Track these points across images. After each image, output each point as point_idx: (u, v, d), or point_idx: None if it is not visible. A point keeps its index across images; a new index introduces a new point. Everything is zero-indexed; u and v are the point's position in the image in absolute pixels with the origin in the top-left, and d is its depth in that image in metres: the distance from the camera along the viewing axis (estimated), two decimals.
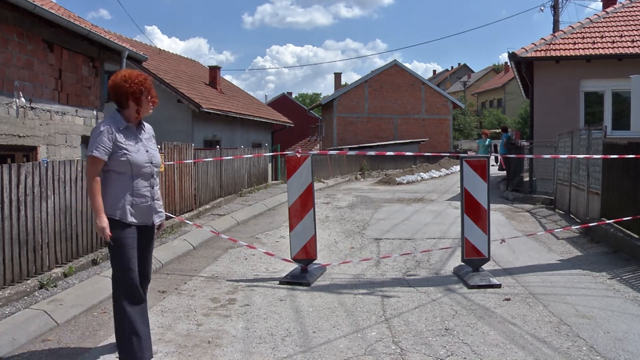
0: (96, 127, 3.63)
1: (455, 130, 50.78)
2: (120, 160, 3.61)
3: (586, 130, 9.47)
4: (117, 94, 3.68)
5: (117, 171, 3.62)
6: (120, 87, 3.66)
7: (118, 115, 3.71)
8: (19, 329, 4.29)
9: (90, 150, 3.57)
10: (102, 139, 3.57)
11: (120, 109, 3.72)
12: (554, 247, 7.80)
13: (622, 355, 3.95)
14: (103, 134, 3.58)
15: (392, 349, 4.09)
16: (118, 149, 3.60)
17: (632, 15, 15.48)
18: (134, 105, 3.69)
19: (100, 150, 3.55)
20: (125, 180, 3.64)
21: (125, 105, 3.70)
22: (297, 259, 6.19)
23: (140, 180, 3.69)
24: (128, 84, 3.65)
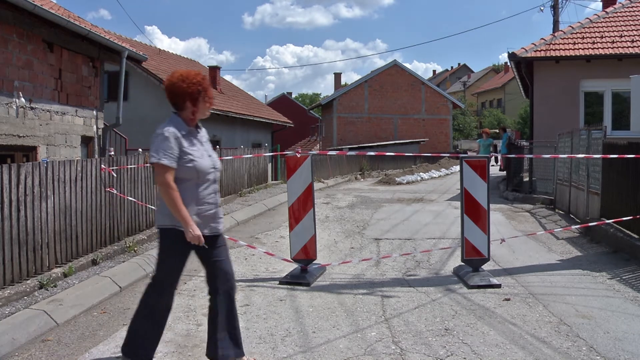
0: (160, 132, 3.40)
1: (455, 130, 50.78)
2: (187, 166, 3.40)
3: (586, 130, 9.47)
4: (174, 95, 3.51)
5: (182, 178, 3.41)
6: (177, 87, 3.49)
7: (178, 118, 3.51)
8: (18, 329, 4.29)
9: (156, 157, 3.34)
10: (168, 145, 3.36)
11: (177, 110, 3.54)
12: (554, 247, 7.80)
13: (622, 355, 3.95)
14: (169, 140, 3.37)
15: (392, 349, 4.09)
16: (184, 155, 3.39)
17: (632, 15, 15.48)
18: (191, 106, 3.50)
19: (169, 157, 3.33)
20: (191, 188, 3.43)
21: (182, 107, 3.51)
22: (297, 259, 6.19)
23: (205, 186, 3.50)
24: (186, 83, 3.49)
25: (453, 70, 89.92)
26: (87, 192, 6.55)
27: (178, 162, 3.38)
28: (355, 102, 36.13)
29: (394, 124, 36.28)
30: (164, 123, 3.48)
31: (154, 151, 3.37)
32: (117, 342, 4.25)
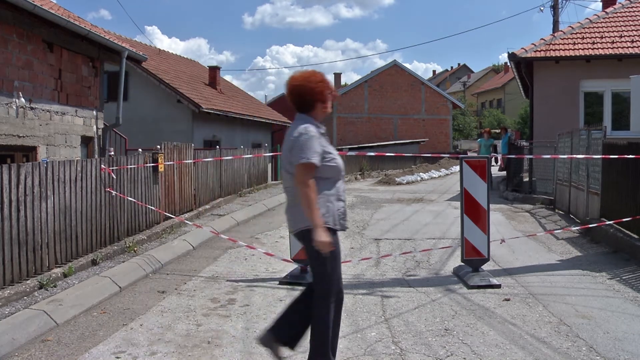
0: (302, 132, 3.38)
1: (455, 130, 50.76)
2: (330, 165, 3.42)
3: (586, 131, 9.47)
4: (303, 96, 3.50)
5: (324, 177, 3.41)
6: (305, 88, 3.49)
7: (309, 118, 3.51)
8: (18, 329, 4.29)
9: (305, 157, 3.31)
10: (314, 144, 3.35)
11: (305, 111, 3.53)
12: (554, 247, 7.80)
13: (622, 355, 3.95)
14: (314, 139, 3.37)
15: (392, 349, 4.09)
16: (326, 154, 3.40)
17: (632, 15, 15.48)
18: (321, 105, 3.52)
19: (317, 156, 3.34)
20: (331, 186, 3.45)
21: (312, 107, 3.51)
22: (296, 259, 6.19)
23: (341, 183, 3.53)
24: (313, 84, 3.49)
25: (453, 70, 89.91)
26: (87, 192, 6.55)
27: (322, 161, 3.39)
28: (355, 102, 36.14)
29: (394, 124, 36.29)
30: (297, 123, 3.49)
31: (300, 151, 3.34)
32: (117, 342, 4.26)
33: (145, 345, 4.20)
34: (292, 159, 3.37)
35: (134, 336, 4.38)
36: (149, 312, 4.97)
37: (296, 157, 3.34)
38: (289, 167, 3.44)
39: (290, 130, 3.52)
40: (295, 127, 3.47)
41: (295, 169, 3.35)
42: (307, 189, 3.31)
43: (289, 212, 3.55)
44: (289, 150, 3.42)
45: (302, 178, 3.32)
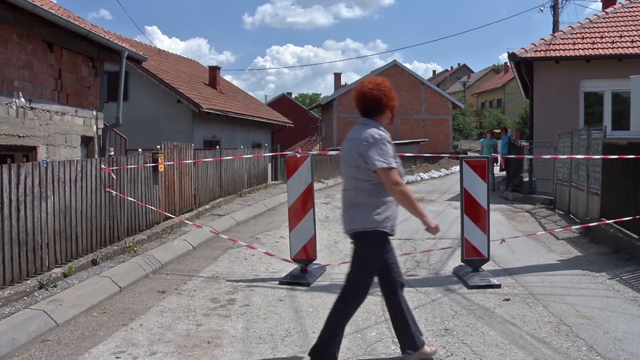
0: (377, 137, 3.47)
1: (455, 130, 50.76)
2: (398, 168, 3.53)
3: (586, 131, 9.47)
4: (375, 101, 3.58)
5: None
6: (375, 95, 3.58)
7: (376, 122, 3.59)
8: (18, 329, 4.29)
9: (385, 162, 3.42)
10: (388, 148, 3.47)
11: (372, 116, 3.61)
12: (554, 247, 7.80)
13: (622, 355, 3.95)
14: (387, 143, 3.50)
15: (392, 349, 4.09)
16: (395, 158, 3.52)
17: (632, 15, 15.48)
18: (388, 112, 3.64)
19: (394, 160, 3.47)
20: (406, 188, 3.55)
21: (380, 113, 3.61)
22: (296, 259, 6.19)
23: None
24: (382, 92, 3.59)
25: (453, 70, 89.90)
26: (87, 192, 6.55)
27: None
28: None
29: (394, 124, 36.22)
30: (365, 127, 3.56)
31: (379, 156, 3.43)
32: (117, 342, 4.26)
33: (145, 345, 4.20)
34: (369, 164, 3.44)
35: (134, 336, 4.38)
36: (149, 312, 4.98)
37: (372, 162, 3.42)
38: (352, 170, 3.53)
39: (355, 133, 3.58)
40: (362, 130, 3.53)
41: (380, 174, 3.44)
42: (402, 188, 3.44)
43: (347, 213, 3.61)
44: (360, 155, 3.47)
45: (392, 180, 3.43)
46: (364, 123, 3.60)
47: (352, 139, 3.59)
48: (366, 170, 3.47)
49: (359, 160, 3.48)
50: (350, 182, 3.59)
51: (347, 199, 3.63)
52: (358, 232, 3.53)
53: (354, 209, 3.55)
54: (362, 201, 3.51)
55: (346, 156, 3.60)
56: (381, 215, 3.50)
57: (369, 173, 3.48)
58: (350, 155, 3.54)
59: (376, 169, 3.42)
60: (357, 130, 3.59)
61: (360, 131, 3.55)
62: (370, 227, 3.48)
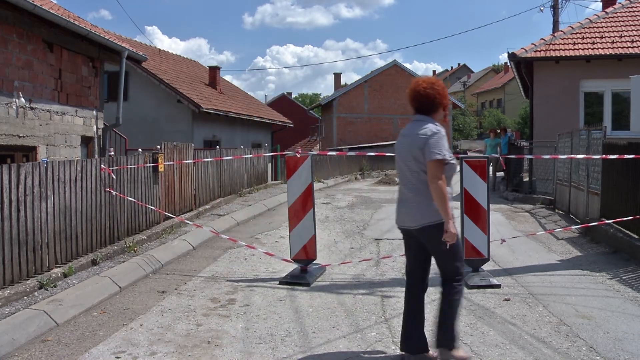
0: (436, 131, 3.62)
1: (454, 130, 50.78)
2: (451, 164, 3.66)
3: (586, 131, 9.47)
4: (430, 99, 3.72)
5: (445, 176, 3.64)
6: (430, 94, 3.72)
7: (433, 119, 3.74)
8: (18, 329, 4.29)
9: (439, 152, 3.55)
10: (445, 143, 3.60)
11: (427, 113, 3.75)
12: (554, 247, 7.80)
13: (622, 355, 3.95)
14: (445, 139, 3.63)
15: (392, 349, 4.09)
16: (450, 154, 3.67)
17: (632, 15, 15.48)
18: (442, 110, 3.78)
19: (449, 155, 3.59)
20: (448, 183, 3.69)
21: (435, 111, 3.75)
22: (296, 259, 6.19)
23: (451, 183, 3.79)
24: (436, 90, 3.73)
25: (453, 70, 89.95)
26: (87, 192, 6.55)
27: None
28: (355, 102, 36.12)
29: (394, 124, 36.25)
30: (421, 123, 3.70)
31: (438, 149, 3.56)
32: (117, 342, 4.26)
33: (145, 345, 4.20)
34: (425, 156, 3.57)
35: (134, 336, 4.38)
36: (149, 312, 4.98)
37: (430, 153, 3.56)
38: (414, 164, 3.66)
39: (412, 129, 3.72)
40: (419, 126, 3.69)
41: (429, 165, 3.56)
42: (442, 183, 3.56)
43: (411, 208, 3.72)
44: (420, 149, 3.60)
45: (436, 173, 3.56)
46: (420, 120, 3.74)
47: (410, 135, 3.71)
48: (424, 163, 3.61)
49: (418, 155, 3.63)
50: (411, 177, 3.71)
51: (407, 194, 3.75)
52: (427, 226, 3.64)
53: (419, 204, 3.68)
54: (427, 195, 3.61)
55: (404, 151, 3.74)
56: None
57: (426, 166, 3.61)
58: (410, 150, 3.68)
59: (430, 159, 3.55)
60: (414, 126, 3.74)
61: (417, 127, 3.70)
62: (439, 220, 3.59)
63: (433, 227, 3.62)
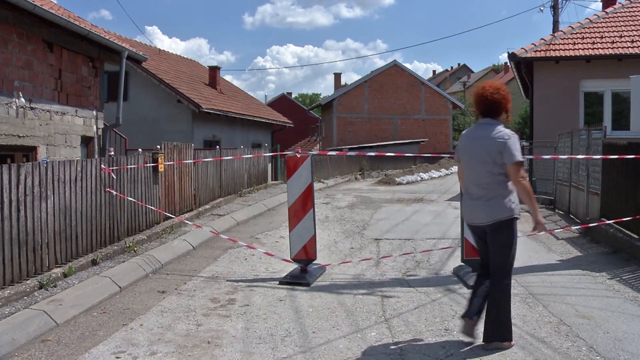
0: (511, 135, 3.91)
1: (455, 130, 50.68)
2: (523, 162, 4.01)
3: (586, 131, 9.47)
4: (496, 103, 4.00)
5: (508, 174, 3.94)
6: (496, 99, 4.00)
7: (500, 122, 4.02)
8: (18, 329, 4.29)
9: (518, 155, 3.87)
10: (519, 145, 3.94)
11: (492, 116, 4.03)
12: (554, 247, 7.80)
13: (622, 355, 3.95)
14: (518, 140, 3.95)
15: (392, 349, 4.09)
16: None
17: (632, 15, 15.47)
18: (505, 113, 4.05)
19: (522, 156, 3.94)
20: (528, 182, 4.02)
21: (499, 115, 4.04)
22: (296, 259, 6.19)
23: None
24: (501, 95, 4.02)
25: (453, 70, 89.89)
26: (87, 192, 6.55)
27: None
28: (355, 102, 36.13)
29: (394, 124, 36.28)
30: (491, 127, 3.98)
31: (517, 151, 3.88)
32: (117, 342, 4.26)
33: (145, 345, 4.20)
34: (505, 158, 3.86)
35: (134, 336, 4.38)
36: (149, 312, 4.98)
37: (511, 156, 3.85)
38: (490, 165, 3.90)
39: (483, 132, 3.99)
40: (491, 129, 3.96)
41: (511, 167, 3.86)
42: (526, 182, 3.90)
43: (484, 206, 3.96)
44: (499, 151, 3.87)
45: (521, 174, 3.88)
46: (489, 123, 4.01)
47: (483, 137, 3.96)
48: (501, 164, 3.87)
49: (496, 156, 3.87)
50: (485, 176, 3.94)
51: (480, 192, 3.99)
52: (500, 221, 3.92)
53: (492, 201, 3.93)
54: (500, 193, 3.91)
55: (478, 152, 3.96)
56: (514, 203, 3.95)
57: (503, 167, 3.88)
58: (487, 152, 3.91)
59: (512, 162, 3.84)
60: (483, 128, 4.00)
61: (488, 130, 3.96)
62: (510, 216, 3.92)
63: (504, 223, 3.91)
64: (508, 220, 3.92)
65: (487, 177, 3.92)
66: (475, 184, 4.02)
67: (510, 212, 3.91)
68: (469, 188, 4.09)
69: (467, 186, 4.12)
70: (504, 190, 3.91)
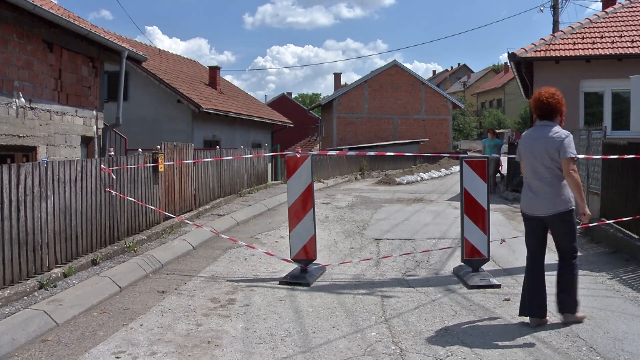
0: (568, 134, 4.43)
1: (455, 130, 50.77)
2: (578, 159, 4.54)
3: (586, 131, 9.47)
4: (553, 107, 4.54)
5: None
6: (553, 103, 4.54)
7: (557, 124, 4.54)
8: (18, 329, 4.29)
9: (572, 152, 4.35)
10: (573, 144, 4.42)
11: (550, 119, 4.55)
12: (554, 247, 7.78)
13: (622, 355, 3.95)
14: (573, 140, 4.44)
15: (392, 349, 4.09)
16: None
17: (632, 15, 15.47)
18: (560, 117, 4.58)
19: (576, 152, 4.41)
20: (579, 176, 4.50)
21: (555, 118, 4.56)
22: (296, 259, 6.19)
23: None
24: (556, 99, 4.55)
25: (453, 70, 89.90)
26: (87, 192, 6.55)
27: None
28: (355, 102, 36.12)
29: (394, 124, 36.27)
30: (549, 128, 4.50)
31: (571, 149, 4.37)
32: (117, 342, 4.26)
33: (145, 345, 4.20)
34: (561, 154, 4.35)
35: (134, 336, 4.38)
36: (149, 312, 4.98)
37: (566, 152, 4.35)
38: (549, 162, 4.41)
39: (543, 132, 4.49)
40: (548, 130, 4.48)
41: (565, 161, 4.35)
42: (576, 175, 4.36)
43: (546, 199, 4.45)
44: (556, 149, 4.38)
45: (572, 167, 4.34)
46: (546, 124, 4.54)
47: (543, 137, 4.46)
48: (558, 161, 4.37)
49: (554, 154, 4.38)
50: (545, 172, 4.44)
51: (542, 187, 4.47)
52: (562, 212, 4.42)
53: (553, 194, 4.42)
54: (560, 186, 4.41)
55: (539, 151, 4.45)
56: (571, 196, 4.43)
57: (560, 163, 4.37)
58: (546, 150, 4.41)
59: (565, 157, 4.33)
60: (542, 130, 4.51)
61: (546, 130, 4.48)
62: (569, 207, 4.43)
63: (563, 214, 4.42)
64: (567, 212, 4.43)
65: (547, 172, 4.42)
66: (536, 179, 4.49)
67: (568, 205, 4.42)
68: (530, 183, 4.56)
69: (528, 181, 4.58)
70: (562, 184, 4.40)
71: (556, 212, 4.42)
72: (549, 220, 4.48)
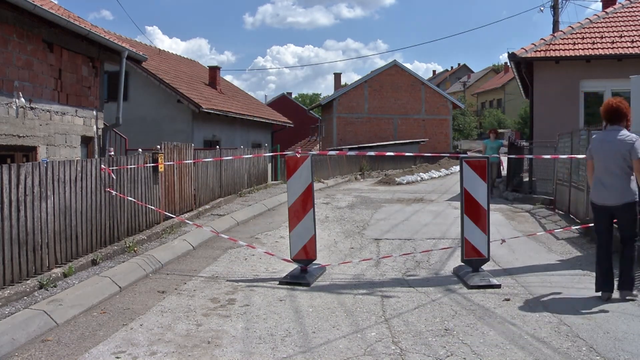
0: (637, 138, 5.10)
1: (455, 130, 50.77)
2: None
3: (586, 131, 9.46)
4: (618, 113, 5.26)
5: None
6: (621, 110, 5.25)
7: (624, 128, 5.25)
8: (18, 329, 4.29)
9: None
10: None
11: (617, 123, 5.27)
12: (554, 247, 7.80)
13: (622, 355, 3.95)
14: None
15: (392, 349, 4.09)
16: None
17: (632, 15, 15.47)
18: (626, 121, 5.29)
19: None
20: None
21: (622, 121, 5.26)
22: (296, 259, 6.19)
23: None
24: (623, 105, 5.28)
25: (453, 70, 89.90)
26: (87, 192, 6.55)
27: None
28: (355, 102, 36.13)
29: (394, 124, 36.28)
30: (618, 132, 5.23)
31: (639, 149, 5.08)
32: (117, 342, 4.26)
33: (145, 345, 4.20)
34: (632, 155, 5.06)
35: (134, 336, 4.38)
36: (149, 312, 4.98)
37: (637, 154, 5.05)
38: (621, 161, 5.12)
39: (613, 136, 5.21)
40: (618, 133, 5.21)
41: (635, 162, 5.05)
42: None
43: (616, 191, 5.16)
44: (628, 150, 5.08)
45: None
46: (615, 128, 5.26)
47: (615, 140, 5.17)
48: (629, 160, 5.08)
49: (625, 154, 5.10)
50: (616, 169, 5.15)
51: (613, 181, 5.18)
52: (629, 202, 5.15)
53: (623, 188, 5.15)
54: (628, 181, 5.14)
55: (611, 151, 5.17)
56: (636, 189, 5.17)
57: (629, 163, 5.09)
58: (618, 151, 5.13)
59: (637, 158, 5.03)
60: (613, 133, 5.24)
61: (617, 134, 5.21)
62: (635, 199, 5.18)
63: (630, 204, 5.16)
64: (634, 202, 5.16)
65: (618, 169, 5.14)
66: (608, 174, 5.20)
67: (634, 196, 5.15)
68: (602, 178, 5.25)
69: (600, 176, 5.27)
70: (629, 180, 5.13)
71: (625, 202, 5.14)
72: (616, 209, 5.20)
